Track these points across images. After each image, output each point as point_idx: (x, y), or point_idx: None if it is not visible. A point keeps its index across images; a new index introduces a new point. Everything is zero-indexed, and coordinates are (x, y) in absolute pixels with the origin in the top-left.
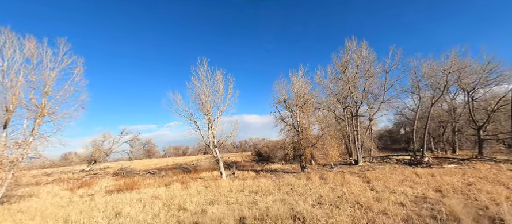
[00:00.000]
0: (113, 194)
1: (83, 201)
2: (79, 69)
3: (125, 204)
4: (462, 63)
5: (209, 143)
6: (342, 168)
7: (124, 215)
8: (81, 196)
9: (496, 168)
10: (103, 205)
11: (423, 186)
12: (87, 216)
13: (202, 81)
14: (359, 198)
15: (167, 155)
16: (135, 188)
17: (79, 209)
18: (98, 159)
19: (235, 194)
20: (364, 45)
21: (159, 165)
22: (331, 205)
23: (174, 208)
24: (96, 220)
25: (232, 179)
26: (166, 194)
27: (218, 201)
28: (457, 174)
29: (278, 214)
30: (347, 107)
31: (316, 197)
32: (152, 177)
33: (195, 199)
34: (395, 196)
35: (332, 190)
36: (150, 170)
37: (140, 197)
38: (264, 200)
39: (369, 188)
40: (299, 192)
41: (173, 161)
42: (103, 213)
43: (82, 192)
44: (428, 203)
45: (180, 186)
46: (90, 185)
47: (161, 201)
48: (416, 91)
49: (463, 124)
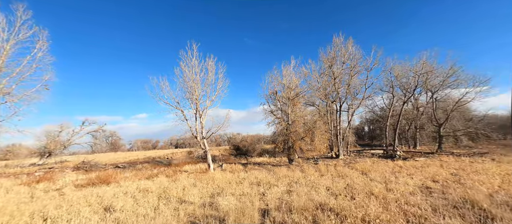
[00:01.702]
0: (87, 189)
1: (51, 196)
2: (43, 43)
3: (110, 198)
4: (430, 66)
5: (196, 134)
6: (326, 161)
7: (118, 209)
8: (45, 191)
9: (460, 160)
10: (83, 199)
11: (418, 176)
12: (69, 211)
13: (192, 67)
14: (370, 188)
15: (133, 149)
16: (112, 182)
17: (53, 204)
18: (53, 152)
19: (236, 186)
20: (350, 41)
21: (128, 158)
22: (346, 196)
23: (173, 201)
24: (85, 215)
25: (221, 172)
26: (156, 187)
27: (221, 193)
28: (434, 166)
29: (303, 205)
30: (333, 102)
31: (324, 188)
32: (127, 170)
33: (193, 192)
34: (400, 186)
35: (334, 181)
36: (119, 164)
37: (125, 191)
38: (270, 191)
39: (369, 178)
40: (301, 183)
41: (144, 155)
42: (90, 208)
43: (44, 187)
44: (437, 192)
45: (166, 179)
46: (51, 180)
47: (153, 194)
48: (390, 90)
49: (425, 122)
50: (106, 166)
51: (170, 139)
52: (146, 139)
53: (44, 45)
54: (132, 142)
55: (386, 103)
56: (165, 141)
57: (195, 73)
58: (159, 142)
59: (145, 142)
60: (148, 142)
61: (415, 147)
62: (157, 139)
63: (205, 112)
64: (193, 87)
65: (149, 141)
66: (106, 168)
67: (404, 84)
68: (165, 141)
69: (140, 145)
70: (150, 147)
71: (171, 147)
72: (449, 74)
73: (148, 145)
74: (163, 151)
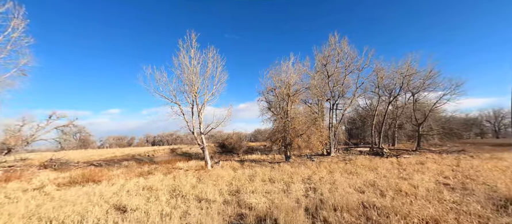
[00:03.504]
0: (75, 187)
1: (33, 196)
2: (18, 22)
3: (113, 196)
4: (413, 69)
5: (193, 129)
6: (319, 158)
7: (133, 208)
8: (24, 191)
9: (444, 157)
10: (83, 198)
11: (430, 173)
12: (76, 211)
13: (191, 58)
14: (397, 185)
15: (105, 146)
16: (100, 180)
17: (48, 205)
18: (13, 149)
19: (249, 183)
20: (345, 41)
21: (104, 156)
22: (374, 193)
23: (191, 199)
24: (97, 216)
25: (221, 169)
26: (160, 185)
27: (241, 190)
28: (430, 163)
29: (346, 203)
30: (328, 100)
31: (344, 185)
32: (111, 168)
33: (207, 189)
34: (420, 182)
35: (349, 178)
36: (94, 162)
37: (126, 189)
38: (291, 189)
39: (381, 175)
40: (315, 180)
41: (121, 152)
42: (100, 208)
43: (18, 187)
44: (458, 188)
45: (164, 177)
46: (21, 179)
47: (161, 192)
48: (376, 90)
49: (404, 121)
50: (79, 164)
51: (146, 136)
52: (121, 136)
53: (20, 24)
54: (103, 139)
55: (368, 103)
56: (141, 138)
57: (194, 64)
58: (134, 139)
59: (119, 139)
60: (122, 138)
61: (393, 145)
62: (133, 136)
63: (204, 107)
64: (192, 79)
65: (123, 138)
66: (80, 166)
67: (389, 85)
68: (141, 138)
69: (112, 142)
70: (125, 144)
71: (147, 144)
72: (427, 77)
73: (123, 142)
74: (140, 148)
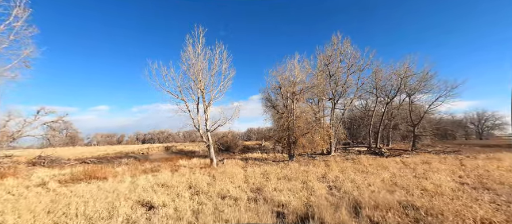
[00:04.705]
0: (80, 184)
1: (38, 192)
2: (21, 11)
3: (130, 193)
4: (410, 70)
5: (198, 126)
6: (321, 157)
7: (158, 204)
8: (27, 187)
9: (441, 157)
10: (95, 195)
11: (442, 172)
12: (101, 208)
13: (198, 54)
14: (419, 184)
15: (93, 143)
16: (105, 177)
17: (63, 202)
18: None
19: (266, 181)
20: (347, 41)
21: (95, 153)
22: (404, 193)
23: (214, 196)
24: (125, 212)
25: (228, 166)
26: (176, 182)
27: (262, 188)
28: (434, 162)
29: (387, 202)
30: (330, 99)
31: (365, 184)
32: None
33: (227, 186)
34: (440, 182)
35: (365, 177)
36: (86, 159)
37: (140, 185)
38: (313, 187)
39: (396, 174)
40: (330, 179)
41: (113, 150)
42: (125, 202)
43: (16, 184)
44: (479, 188)
45: (172, 174)
46: (16, 176)
47: (178, 189)
48: (374, 91)
49: (399, 122)
50: (70, 161)
51: (136, 134)
52: (110, 133)
53: (22, 13)
54: (91, 136)
55: (363, 103)
56: (131, 136)
57: (201, 60)
58: (124, 137)
59: (108, 137)
60: (112, 136)
61: (387, 145)
62: (123, 134)
63: (211, 103)
64: (199, 75)
65: (113, 135)
66: (71, 163)
67: (387, 86)
68: (131, 136)
69: (101, 139)
70: (115, 142)
71: (137, 142)
72: (424, 79)
73: (113, 139)
74: (133, 146)
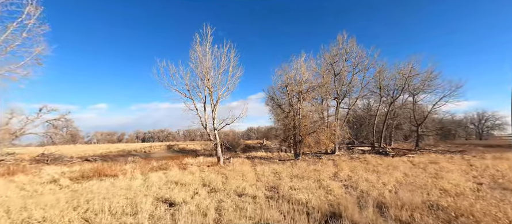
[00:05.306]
0: (92, 181)
1: (52, 189)
2: (33, 9)
3: (146, 190)
4: (414, 70)
5: (206, 125)
6: (326, 156)
7: (178, 201)
8: (41, 184)
9: (446, 157)
10: (112, 191)
11: (455, 173)
12: (117, 203)
13: (206, 53)
14: (436, 184)
15: (93, 142)
16: (116, 174)
17: (86, 198)
18: (1, 143)
19: (278, 180)
20: (353, 40)
21: (98, 151)
22: (425, 194)
23: (231, 194)
24: (147, 209)
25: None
26: (189, 180)
27: (278, 187)
28: (443, 162)
29: (413, 202)
30: (335, 98)
31: (380, 184)
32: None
33: (241, 184)
34: (457, 182)
35: (378, 177)
36: (88, 157)
37: (154, 183)
38: (329, 185)
39: (408, 174)
40: (342, 178)
41: (115, 148)
42: (144, 198)
43: (27, 180)
44: (503, 189)
45: (181, 172)
46: (25, 173)
47: (193, 187)
48: (378, 91)
49: (402, 121)
50: (73, 159)
51: (136, 132)
52: (110, 132)
53: (34, 11)
54: (91, 134)
55: (366, 103)
56: (131, 134)
57: (209, 58)
58: (124, 135)
59: (109, 135)
60: (112, 134)
61: (390, 145)
62: (123, 132)
63: (218, 102)
64: (206, 74)
65: (113, 134)
66: (74, 161)
67: (390, 86)
68: (130, 134)
69: (101, 138)
70: (115, 140)
71: (137, 140)
72: (428, 79)
73: (113, 138)
74: (135, 144)
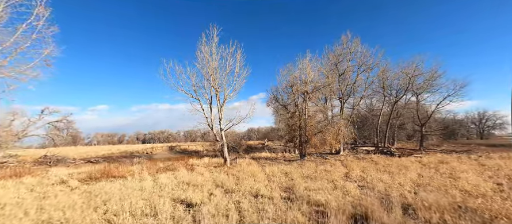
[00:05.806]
0: (101, 182)
1: (62, 190)
2: (42, 10)
3: (160, 191)
4: (419, 69)
5: (212, 125)
6: (332, 157)
7: (197, 202)
8: (51, 185)
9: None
10: (125, 192)
11: (470, 173)
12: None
13: (212, 53)
14: (457, 185)
15: (93, 143)
16: (124, 176)
17: (101, 200)
18: (3, 145)
19: (291, 181)
20: (357, 40)
21: (100, 153)
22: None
23: (247, 195)
24: (166, 210)
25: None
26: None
27: (293, 188)
28: (453, 162)
29: (441, 204)
30: (340, 98)
31: (396, 185)
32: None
33: (255, 185)
34: (477, 183)
35: (391, 177)
36: (91, 159)
37: (166, 185)
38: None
39: (422, 175)
40: (354, 178)
41: (117, 149)
42: (161, 199)
43: (36, 182)
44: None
45: (190, 173)
46: (32, 174)
47: (206, 187)
48: (381, 90)
49: (405, 121)
50: (76, 161)
51: (137, 133)
52: (111, 133)
53: (43, 12)
54: (91, 136)
55: (368, 102)
56: (132, 136)
57: (215, 58)
58: (125, 137)
59: (109, 136)
60: (113, 136)
61: (393, 144)
62: (123, 133)
63: (225, 102)
64: (213, 74)
65: (114, 135)
66: (77, 163)
67: (394, 85)
68: (131, 136)
69: (102, 139)
70: (115, 141)
71: (137, 142)
72: (432, 78)
73: (113, 139)
74: (136, 146)
